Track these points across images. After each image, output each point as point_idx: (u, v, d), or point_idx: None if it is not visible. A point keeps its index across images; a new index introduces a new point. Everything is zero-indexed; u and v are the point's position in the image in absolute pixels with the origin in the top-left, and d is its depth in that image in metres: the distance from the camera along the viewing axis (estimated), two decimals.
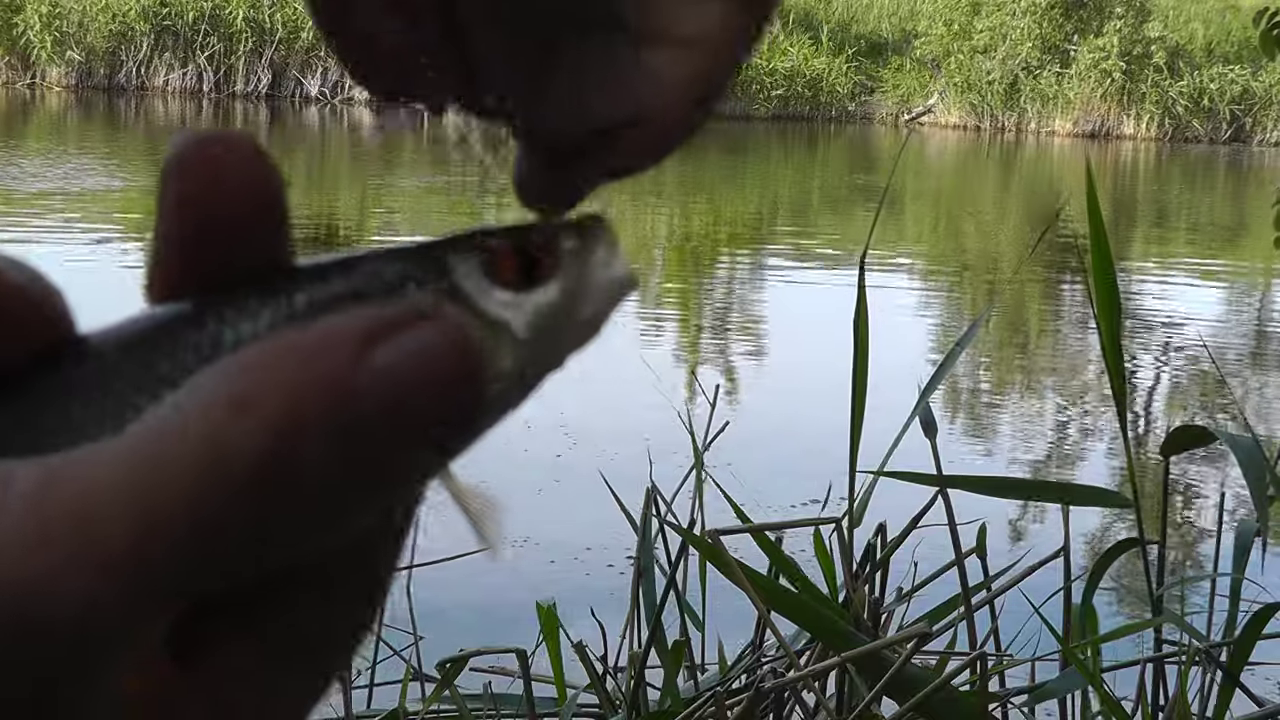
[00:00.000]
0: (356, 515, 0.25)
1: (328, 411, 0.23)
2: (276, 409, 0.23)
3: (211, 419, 0.23)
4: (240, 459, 0.23)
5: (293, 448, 0.23)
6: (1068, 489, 2.39)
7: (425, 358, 0.24)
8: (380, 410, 0.23)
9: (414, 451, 0.24)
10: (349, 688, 1.85)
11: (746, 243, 11.07)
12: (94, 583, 0.23)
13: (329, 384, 0.23)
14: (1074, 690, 1.72)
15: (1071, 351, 7.42)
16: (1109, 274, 1.54)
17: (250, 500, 0.23)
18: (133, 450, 0.23)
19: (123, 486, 0.23)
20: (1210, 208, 16.74)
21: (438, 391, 0.24)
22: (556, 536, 3.73)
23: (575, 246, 0.29)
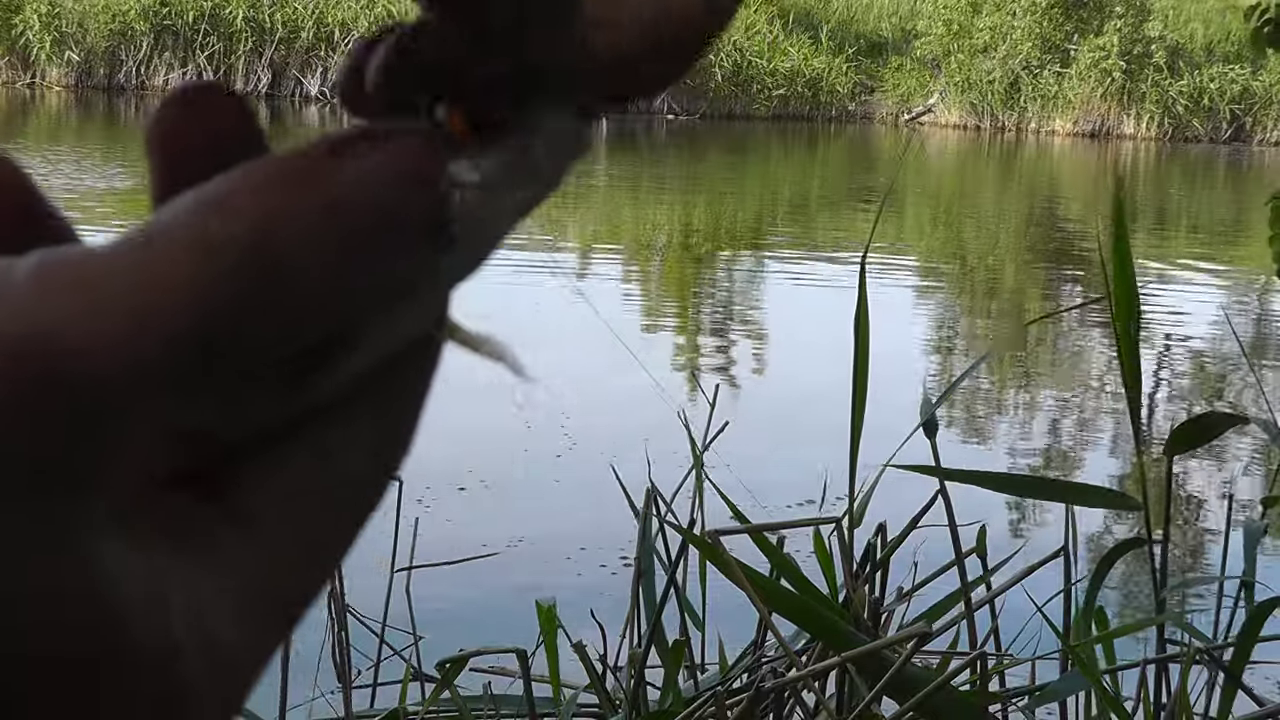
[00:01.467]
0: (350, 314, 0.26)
1: (300, 200, 0.25)
2: (252, 201, 0.25)
3: (193, 219, 0.25)
4: (224, 249, 0.24)
5: (271, 233, 0.25)
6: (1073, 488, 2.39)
7: (389, 153, 0.26)
8: (349, 195, 0.25)
9: (388, 247, 0.26)
10: (349, 687, 1.85)
11: (746, 242, 11.07)
12: (97, 340, 0.24)
13: (299, 177, 0.25)
14: (1077, 692, 1.72)
15: (1074, 349, 7.42)
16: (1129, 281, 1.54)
17: (239, 288, 0.25)
18: (127, 242, 0.25)
19: (121, 265, 0.24)
20: (1210, 207, 16.74)
21: (401, 181, 0.26)
22: (556, 536, 3.73)
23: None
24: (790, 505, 3.77)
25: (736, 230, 11.87)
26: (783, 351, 6.89)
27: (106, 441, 0.24)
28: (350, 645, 1.89)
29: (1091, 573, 1.68)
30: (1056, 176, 20.07)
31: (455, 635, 2.22)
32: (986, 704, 1.58)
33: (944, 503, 1.68)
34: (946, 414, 5.58)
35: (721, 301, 8.45)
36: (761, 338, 7.41)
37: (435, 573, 2.32)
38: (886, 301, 7.68)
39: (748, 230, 11.93)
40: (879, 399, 1.74)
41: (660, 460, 2.11)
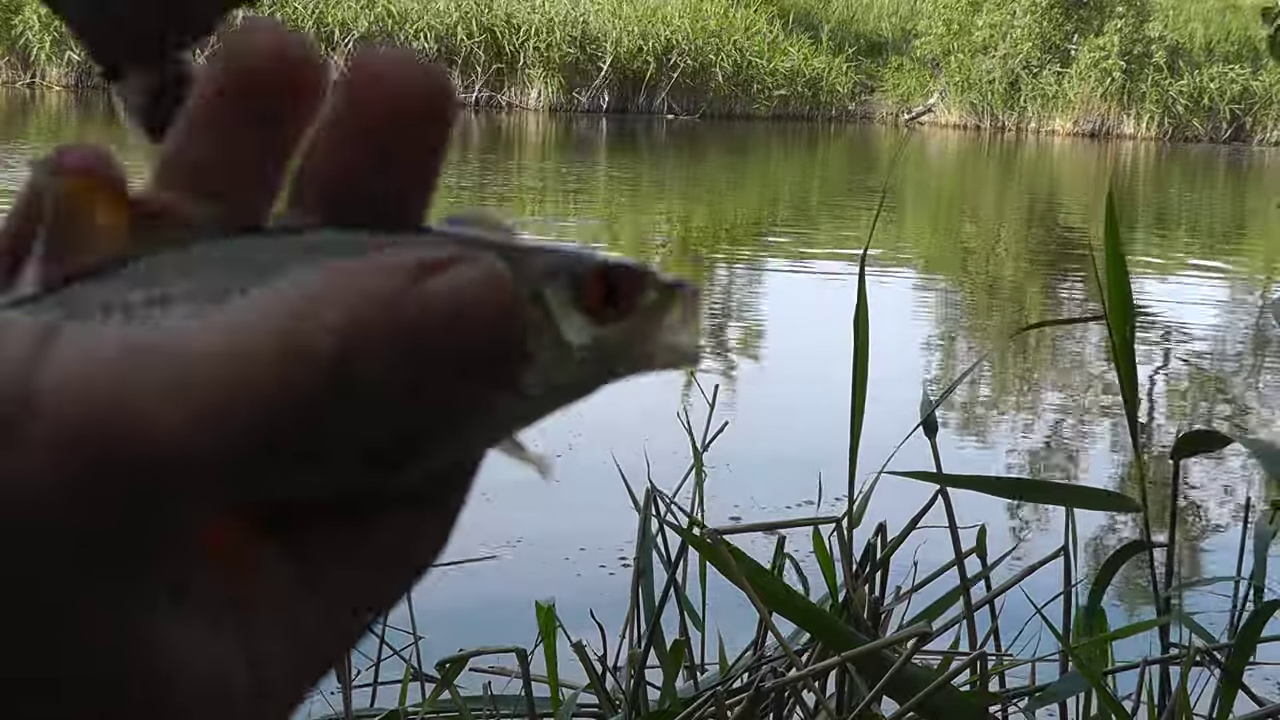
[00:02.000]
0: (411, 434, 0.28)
1: (383, 325, 0.26)
2: (341, 315, 0.26)
3: (284, 315, 0.26)
4: (309, 351, 0.26)
5: (352, 350, 0.26)
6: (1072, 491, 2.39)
7: (465, 292, 0.27)
8: (423, 333, 0.27)
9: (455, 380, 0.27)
10: (349, 687, 1.85)
11: (746, 242, 11.07)
12: (187, 423, 0.25)
13: (385, 300, 0.26)
14: (1077, 693, 1.72)
15: (1072, 351, 7.42)
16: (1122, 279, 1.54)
17: (319, 392, 0.26)
18: (219, 327, 0.26)
19: (216, 352, 0.25)
20: (1210, 207, 16.74)
21: (476, 325, 0.27)
22: (556, 536, 3.73)
23: (656, 299, 0.31)
24: (790, 505, 3.77)
25: (736, 230, 11.87)
26: (783, 351, 6.89)
27: (176, 516, 0.25)
28: None
29: (1092, 575, 1.68)
30: (1056, 176, 20.07)
31: (455, 635, 2.22)
32: (986, 704, 1.58)
33: (944, 503, 1.68)
34: (946, 414, 5.58)
35: (721, 301, 8.45)
36: (761, 337, 7.41)
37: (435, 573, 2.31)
38: (886, 301, 7.69)
39: (748, 230, 11.93)
40: (879, 398, 1.74)
41: (660, 460, 2.11)
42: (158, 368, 0.25)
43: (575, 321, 0.30)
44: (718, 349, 7.01)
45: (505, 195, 12.75)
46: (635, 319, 0.30)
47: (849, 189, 15.55)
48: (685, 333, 0.32)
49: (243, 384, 0.25)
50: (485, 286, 0.27)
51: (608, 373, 0.31)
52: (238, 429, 0.25)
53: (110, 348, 0.25)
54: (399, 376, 0.26)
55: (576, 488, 4.11)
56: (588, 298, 0.30)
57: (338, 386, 0.26)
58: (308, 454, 0.26)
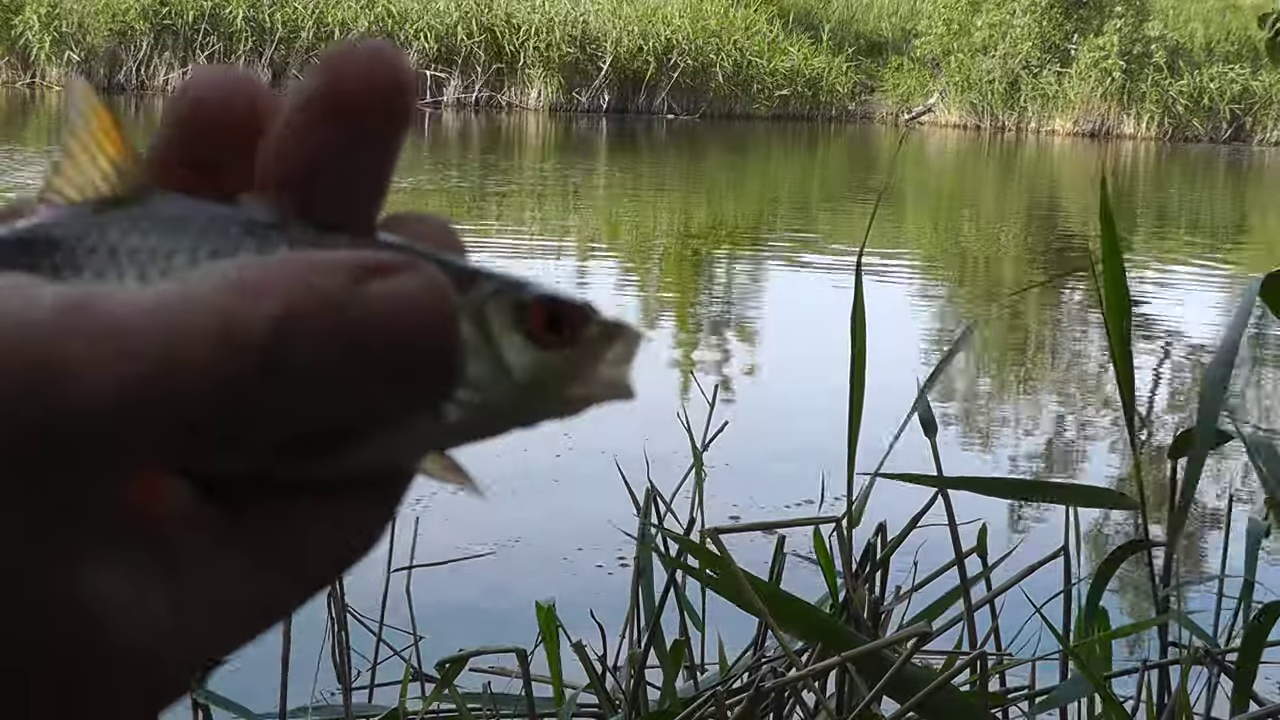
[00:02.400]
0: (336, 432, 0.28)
1: (319, 320, 0.26)
2: (278, 304, 0.26)
3: (224, 297, 0.26)
4: (244, 336, 0.26)
5: (287, 342, 0.26)
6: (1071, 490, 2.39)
7: (408, 302, 0.27)
8: (360, 334, 0.27)
9: (385, 384, 0.27)
10: (349, 687, 1.85)
11: (746, 242, 11.07)
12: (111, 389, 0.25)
13: (324, 300, 0.27)
14: (1080, 698, 1.72)
15: (1072, 351, 7.42)
16: (1120, 278, 1.54)
17: (248, 376, 0.26)
18: (158, 300, 0.26)
19: (150, 323, 0.26)
20: (1210, 207, 16.74)
21: (412, 333, 0.27)
22: (556, 536, 3.73)
23: (597, 334, 0.31)
24: (789, 505, 3.77)
25: (736, 230, 11.87)
26: (782, 351, 6.89)
27: (98, 474, 0.26)
28: (350, 646, 1.89)
29: (1092, 574, 1.68)
30: (1056, 176, 20.07)
31: (455, 635, 2.22)
32: (986, 704, 1.58)
33: (944, 502, 1.68)
34: (946, 413, 5.58)
35: (721, 301, 8.45)
36: (761, 337, 7.41)
37: (435, 573, 2.32)
38: (886, 300, 7.68)
39: (747, 230, 11.92)
40: (877, 397, 1.74)
41: (660, 460, 2.11)
42: (90, 331, 0.25)
43: (515, 343, 0.30)
44: (718, 349, 7.01)
45: (504, 195, 12.75)
46: (576, 349, 0.31)
47: (849, 189, 15.55)
48: (623, 370, 0.32)
49: (172, 358, 0.26)
50: (426, 297, 0.27)
51: (542, 402, 0.31)
52: (161, 402, 0.26)
53: (46, 307, 0.25)
54: (329, 374, 0.27)
55: (576, 488, 4.11)
56: (530, 322, 0.30)
57: (267, 375, 0.26)
58: (229, 437, 0.27)
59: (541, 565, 3.52)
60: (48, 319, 0.25)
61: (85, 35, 20.98)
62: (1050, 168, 21.36)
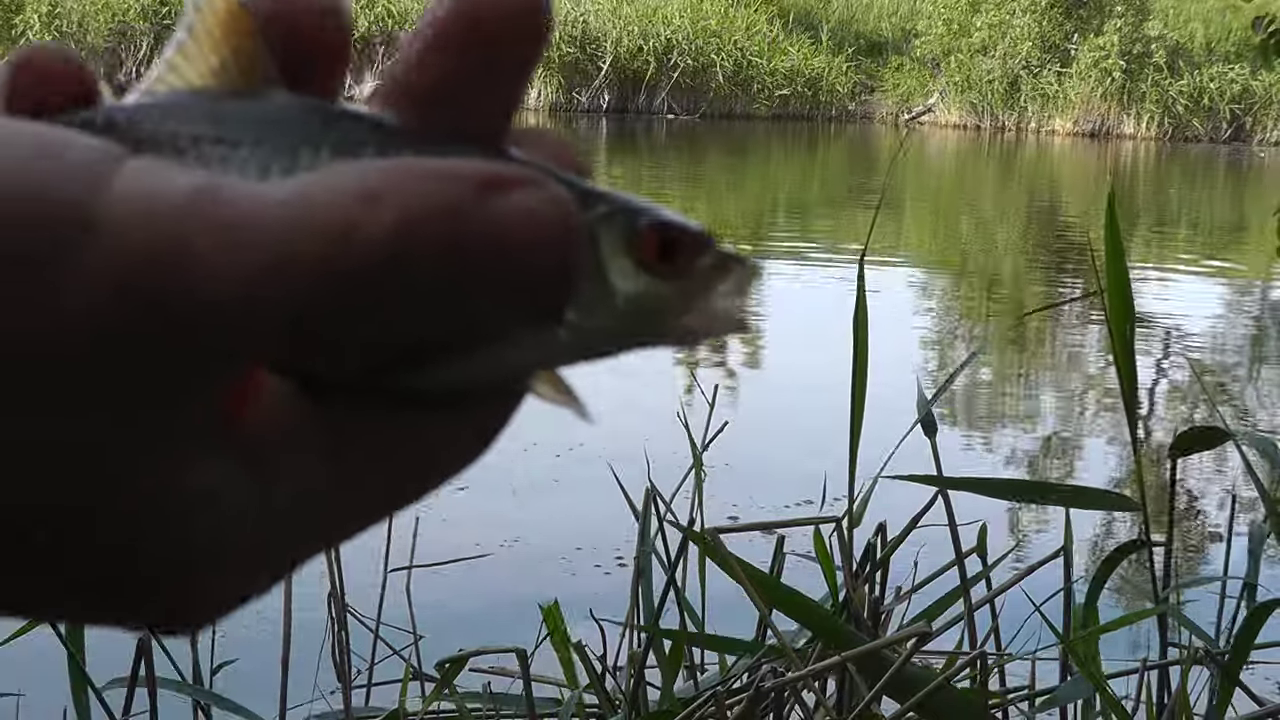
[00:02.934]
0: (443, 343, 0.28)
1: (438, 229, 0.26)
2: (398, 214, 0.26)
3: (346, 199, 0.26)
4: (362, 243, 0.26)
5: (405, 252, 0.26)
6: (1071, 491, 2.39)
7: (530, 217, 0.27)
8: (478, 245, 0.26)
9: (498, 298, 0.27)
10: (349, 687, 1.85)
11: (746, 242, 11.07)
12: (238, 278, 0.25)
13: (447, 208, 0.26)
14: (1080, 699, 1.72)
15: (1072, 350, 7.42)
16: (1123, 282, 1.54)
17: (363, 279, 0.26)
18: (285, 200, 0.26)
19: (274, 215, 0.26)
20: (1210, 207, 16.74)
21: (531, 249, 0.27)
22: (556, 536, 3.73)
23: (711, 264, 0.31)
24: (790, 505, 3.77)
25: (736, 230, 11.86)
26: (782, 351, 6.89)
27: (210, 359, 0.26)
28: (350, 646, 1.88)
29: (1092, 574, 1.68)
30: (1056, 176, 20.07)
31: (455, 635, 2.22)
32: (986, 704, 1.58)
33: (944, 503, 1.68)
34: (947, 413, 5.58)
35: None
36: (762, 337, 7.41)
37: (434, 572, 2.32)
38: (886, 301, 7.68)
39: (748, 230, 11.92)
40: (878, 397, 1.74)
41: (660, 460, 2.11)
42: (220, 219, 0.25)
43: (624, 268, 0.29)
44: (718, 349, 7.01)
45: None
46: (686, 279, 0.30)
47: (849, 189, 15.54)
48: (734, 302, 0.31)
49: (292, 254, 0.26)
50: (549, 212, 0.27)
51: (649, 328, 0.30)
52: (277, 295, 0.26)
53: (179, 190, 0.26)
54: (444, 284, 0.26)
55: (576, 488, 4.11)
56: (641, 249, 0.29)
57: (382, 280, 0.26)
58: (337, 340, 0.27)
59: (541, 565, 3.52)
60: (180, 201, 0.25)
61: (85, 35, 20.98)
62: (1050, 168, 21.36)
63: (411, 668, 1.88)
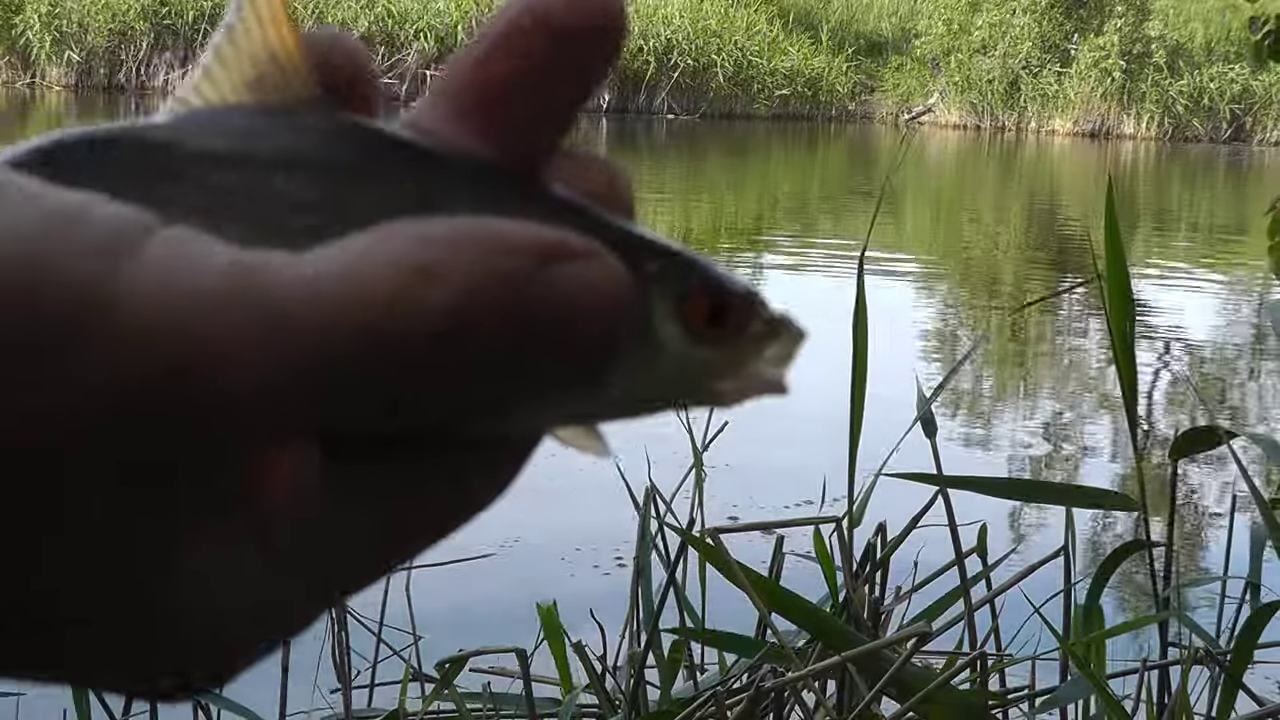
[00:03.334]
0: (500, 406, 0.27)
1: (500, 303, 0.25)
2: (457, 289, 0.25)
3: (397, 276, 0.25)
4: (416, 322, 0.25)
5: (462, 329, 0.25)
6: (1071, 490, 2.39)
7: (589, 291, 0.26)
8: (536, 318, 0.26)
9: (548, 368, 0.26)
10: (349, 687, 1.85)
11: (746, 241, 11.07)
12: (272, 371, 0.24)
13: (509, 281, 0.25)
14: (1080, 698, 1.72)
15: (1072, 350, 7.42)
16: (1123, 280, 1.54)
17: (413, 356, 0.25)
18: (324, 274, 0.25)
19: (312, 305, 0.24)
20: (1210, 207, 16.74)
21: (587, 320, 0.26)
22: (555, 536, 3.73)
23: (760, 331, 0.30)
24: (790, 505, 3.77)
25: (737, 229, 11.87)
26: None
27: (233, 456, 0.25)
28: (350, 646, 1.88)
29: (1092, 574, 1.68)
30: (1056, 176, 20.07)
31: (455, 635, 2.22)
32: (986, 704, 1.58)
33: (944, 503, 1.68)
34: (947, 413, 5.58)
35: None
36: None
37: (434, 573, 2.32)
38: (886, 300, 7.68)
39: (748, 229, 11.92)
40: (877, 397, 1.74)
41: (660, 460, 2.11)
42: (260, 305, 0.24)
43: (673, 333, 0.29)
44: None
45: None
46: (735, 345, 0.29)
47: (849, 189, 15.55)
48: (781, 369, 0.30)
49: (331, 343, 0.24)
50: (606, 285, 0.26)
51: (692, 391, 0.29)
52: (314, 386, 0.25)
53: (214, 270, 0.24)
54: (501, 354, 0.26)
55: (575, 488, 4.11)
56: (691, 314, 0.29)
57: (437, 353, 0.25)
58: (384, 417, 0.26)
59: (541, 565, 3.52)
60: (215, 283, 0.24)
61: (85, 35, 20.98)
62: (1050, 168, 21.36)
63: (411, 668, 1.88)
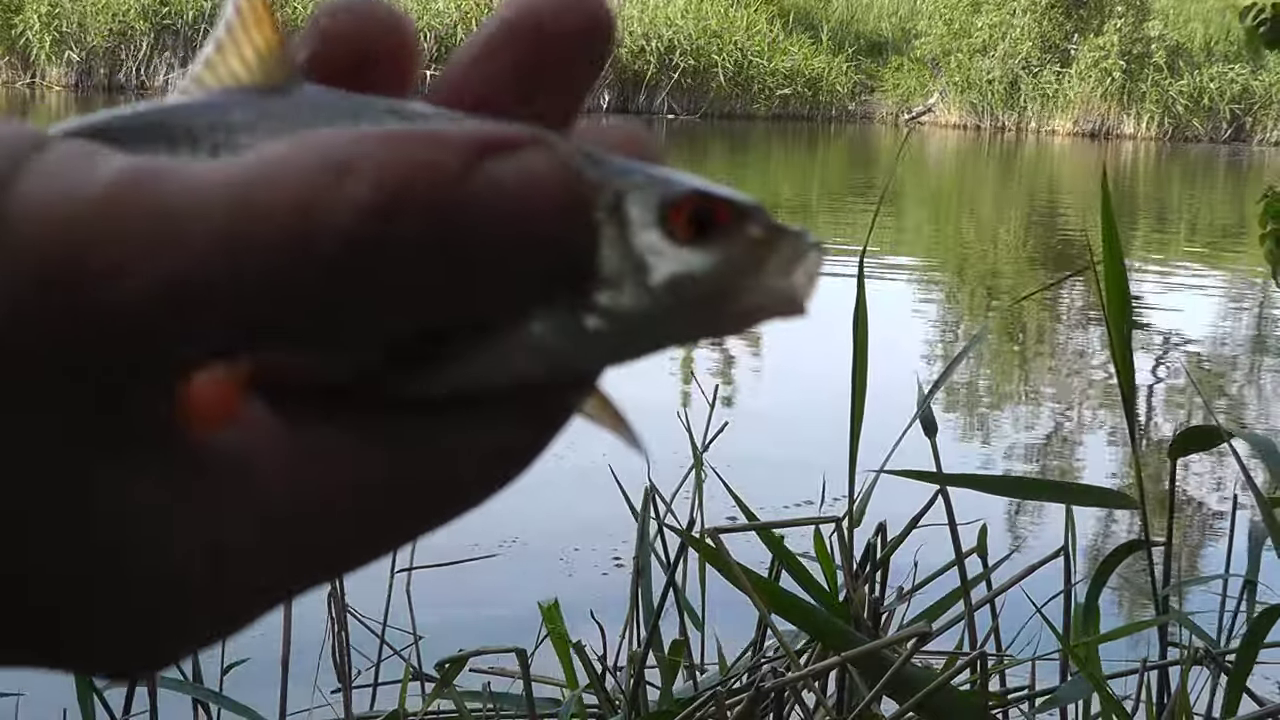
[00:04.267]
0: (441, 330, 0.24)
1: (428, 204, 0.23)
2: (375, 185, 0.22)
3: (309, 174, 0.23)
4: (329, 222, 0.22)
5: (384, 232, 0.22)
6: (1071, 489, 2.39)
7: (533, 179, 0.23)
8: (475, 219, 0.23)
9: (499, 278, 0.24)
10: (349, 687, 1.85)
11: None
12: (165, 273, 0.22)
13: (437, 175, 0.23)
14: (1080, 698, 1.72)
15: (1072, 350, 7.42)
16: (1120, 277, 1.54)
17: (335, 272, 0.22)
18: (229, 178, 0.23)
19: (216, 199, 0.22)
20: (1210, 207, 16.74)
21: (538, 218, 0.23)
22: (555, 536, 3.73)
23: (758, 236, 0.26)
24: (790, 505, 3.77)
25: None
26: (782, 351, 6.89)
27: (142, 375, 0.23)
28: (350, 646, 1.88)
29: (1091, 574, 1.68)
30: (1056, 176, 20.06)
31: (455, 635, 2.22)
32: (986, 704, 1.58)
33: (944, 502, 1.68)
34: (947, 413, 5.58)
35: None
36: (761, 337, 7.41)
37: (434, 573, 2.32)
38: (886, 300, 7.68)
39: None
40: (877, 397, 1.74)
41: (660, 461, 2.11)
42: (149, 207, 0.22)
43: (656, 243, 0.25)
44: (718, 349, 7.01)
45: None
46: (729, 252, 0.26)
47: (849, 189, 15.54)
48: (791, 279, 0.27)
49: (233, 246, 0.22)
50: (552, 177, 0.24)
51: (693, 312, 0.26)
52: (214, 296, 0.22)
53: (103, 177, 0.22)
54: (433, 266, 0.23)
55: (575, 488, 4.11)
56: (673, 220, 0.25)
57: (357, 258, 0.22)
58: (307, 336, 0.23)
59: (541, 565, 3.52)
60: (98, 196, 0.22)
61: (85, 35, 20.98)
62: (1050, 168, 21.35)
63: (411, 668, 1.88)
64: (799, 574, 1.64)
